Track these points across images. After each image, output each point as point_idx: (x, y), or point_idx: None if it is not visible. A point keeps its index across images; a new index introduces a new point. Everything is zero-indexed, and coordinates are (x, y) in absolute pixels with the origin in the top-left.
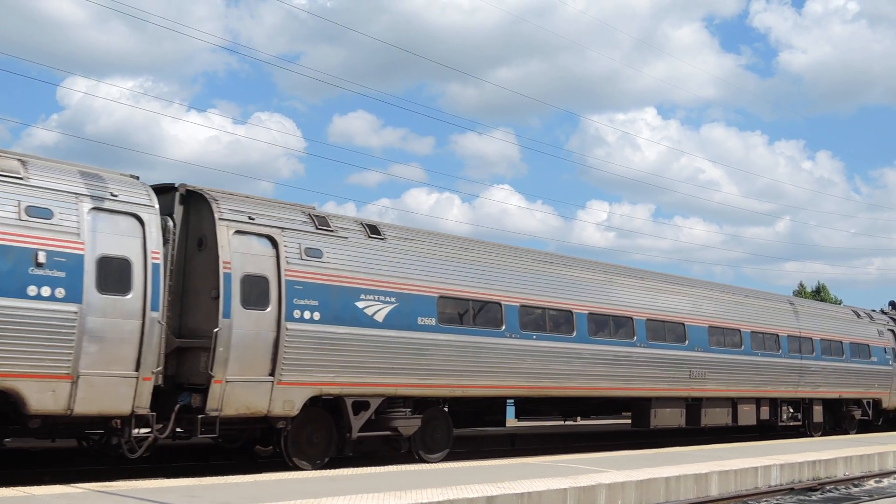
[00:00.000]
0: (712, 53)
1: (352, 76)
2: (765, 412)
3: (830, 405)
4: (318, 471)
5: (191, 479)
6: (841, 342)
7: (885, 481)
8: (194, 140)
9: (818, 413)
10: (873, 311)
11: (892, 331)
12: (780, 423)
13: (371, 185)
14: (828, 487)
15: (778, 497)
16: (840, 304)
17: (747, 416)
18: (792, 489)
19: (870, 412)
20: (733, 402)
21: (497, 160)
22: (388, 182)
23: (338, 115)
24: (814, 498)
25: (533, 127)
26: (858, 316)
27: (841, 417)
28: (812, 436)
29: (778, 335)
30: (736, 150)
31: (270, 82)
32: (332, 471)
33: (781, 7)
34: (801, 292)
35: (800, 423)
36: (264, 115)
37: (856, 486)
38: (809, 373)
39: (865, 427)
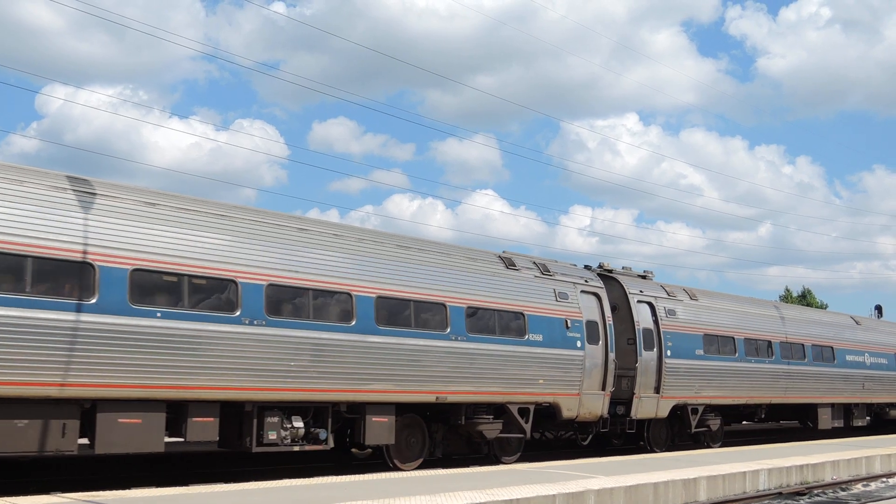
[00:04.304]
0: (691, 58)
1: (331, 83)
2: (200, 427)
3: (440, 416)
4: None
5: (177, 488)
6: (444, 305)
7: (873, 485)
8: (175, 147)
9: (381, 429)
10: (565, 263)
11: (595, 295)
12: (260, 446)
13: (353, 192)
14: (816, 491)
15: (766, 501)
16: (825, 308)
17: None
18: (780, 493)
19: (527, 426)
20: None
21: (479, 166)
22: (371, 188)
23: (317, 121)
24: (802, 502)
25: (513, 133)
26: (509, 265)
27: (463, 435)
28: (400, 469)
29: (236, 282)
30: (716, 155)
31: (251, 90)
32: (324, 478)
33: (756, 14)
34: (787, 297)
35: (321, 443)
36: (245, 122)
37: (843, 489)
38: (340, 357)
39: (559, 451)
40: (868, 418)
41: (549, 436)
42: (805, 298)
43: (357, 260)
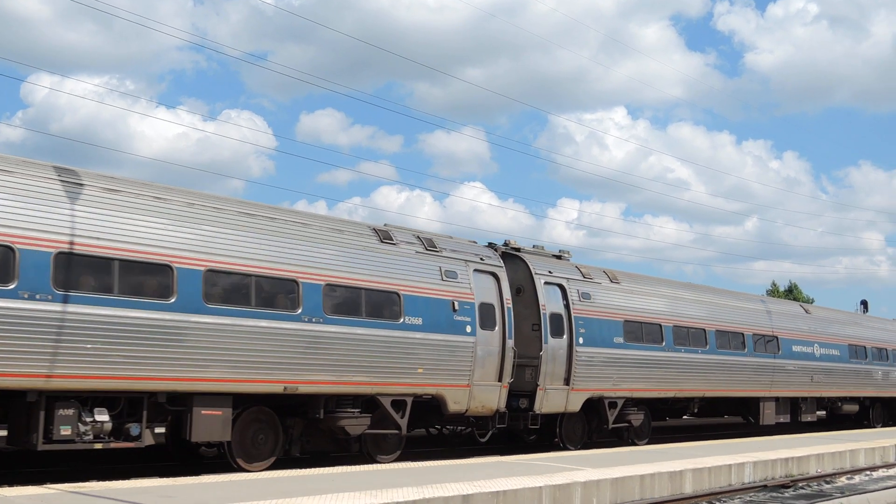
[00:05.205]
0: (679, 53)
1: (319, 74)
2: None
3: (299, 409)
4: (293, 470)
5: (165, 479)
6: (295, 281)
7: (857, 478)
8: (162, 137)
9: (212, 424)
10: (461, 239)
11: (492, 274)
12: (49, 443)
13: (341, 184)
14: (800, 484)
15: (751, 494)
16: (812, 302)
17: None
18: (765, 486)
19: (402, 421)
20: None
21: (467, 158)
22: (359, 180)
23: (305, 112)
24: (786, 495)
25: (501, 125)
26: (384, 239)
27: (326, 431)
28: (245, 469)
29: (12, 249)
30: (704, 150)
31: (238, 80)
32: (308, 470)
33: (744, 9)
34: (774, 292)
35: (134, 440)
36: (233, 113)
37: (828, 482)
38: (155, 339)
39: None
40: (824, 413)
41: (445, 431)
42: (791, 293)
43: (183, 227)
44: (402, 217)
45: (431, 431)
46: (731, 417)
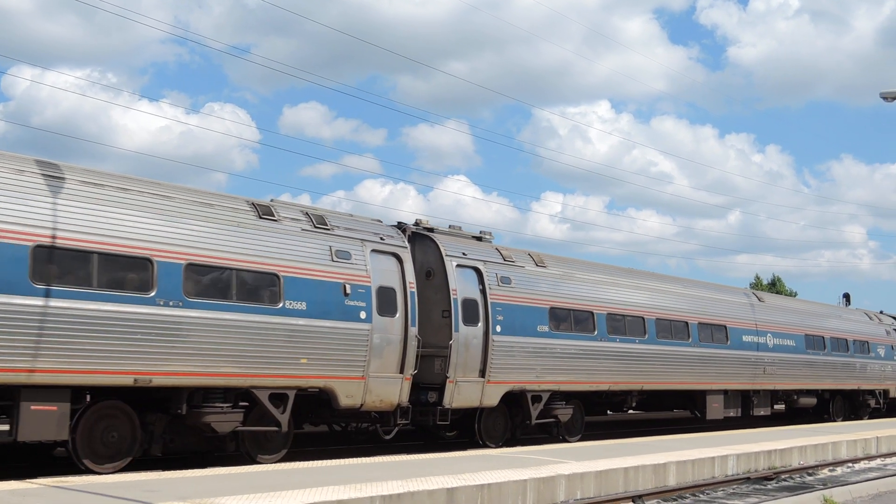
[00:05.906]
0: (662, 46)
1: (302, 67)
2: None
3: (163, 404)
4: (277, 464)
5: (149, 473)
6: (149, 259)
7: (839, 469)
8: (145, 131)
9: (45, 420)
10: (362, 217)
11: (394, 256)
12: None
13: (325, 177)
14: (783, 476)
15: (734, 486)
16: (795, 296)
17: None
18: (748, 478)
19: (283, 417)
20: None
21: (451, 151)
22: (342, 174)
23: (288, 105)
24: (769, 486)
25: (485, 119)
26: (263, 214)
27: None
28: (94, 471)
29: None
30: (687, 143)
31: (221, 73)
32: (292, 464)
33: (727, 3)
34: (757, 285)
35: None
36: (216, 106)
37: (810, 474)
38: None
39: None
40: (782, 407)
41: (350, 429)
42: (775, 286)
43: (5, 197)
44: (385, 210)
45: (336, 428)
46: (681, 412)
